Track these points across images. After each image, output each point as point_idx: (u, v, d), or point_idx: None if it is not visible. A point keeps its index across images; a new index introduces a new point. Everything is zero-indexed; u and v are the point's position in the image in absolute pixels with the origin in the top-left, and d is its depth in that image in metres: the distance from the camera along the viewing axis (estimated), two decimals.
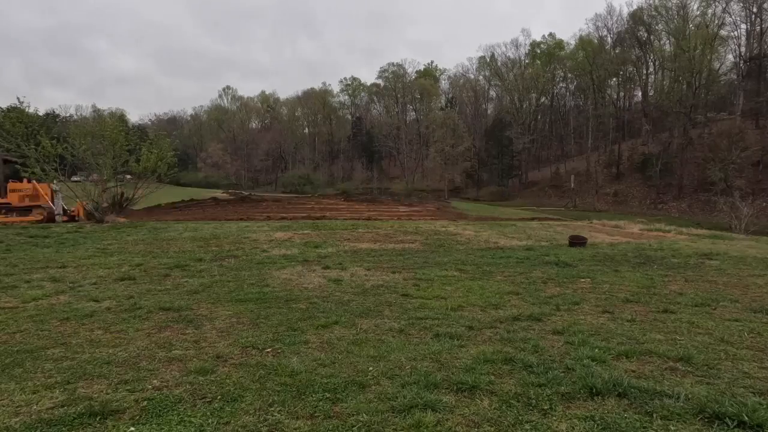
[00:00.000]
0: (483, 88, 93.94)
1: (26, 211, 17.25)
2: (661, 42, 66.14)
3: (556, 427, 2.63)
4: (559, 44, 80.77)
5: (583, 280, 6.99)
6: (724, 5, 57.83)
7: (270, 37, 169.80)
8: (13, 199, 17.26)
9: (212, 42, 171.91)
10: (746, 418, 2.65)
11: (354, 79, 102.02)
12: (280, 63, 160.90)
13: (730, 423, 2.64)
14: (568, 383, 3.15)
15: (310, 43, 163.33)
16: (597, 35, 71.23)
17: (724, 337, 4.24)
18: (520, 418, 2.72)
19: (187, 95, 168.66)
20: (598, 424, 2.64)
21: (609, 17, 70.60)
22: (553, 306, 5.35)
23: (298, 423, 2.66)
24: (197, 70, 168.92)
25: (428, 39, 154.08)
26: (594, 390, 3.02)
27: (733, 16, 59.86)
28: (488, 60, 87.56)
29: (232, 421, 2.67)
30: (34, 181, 17.50)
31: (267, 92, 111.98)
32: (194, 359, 3.62)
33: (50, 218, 16.58)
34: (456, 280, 6.87)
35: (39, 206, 17.51)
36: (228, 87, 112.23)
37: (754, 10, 57.49)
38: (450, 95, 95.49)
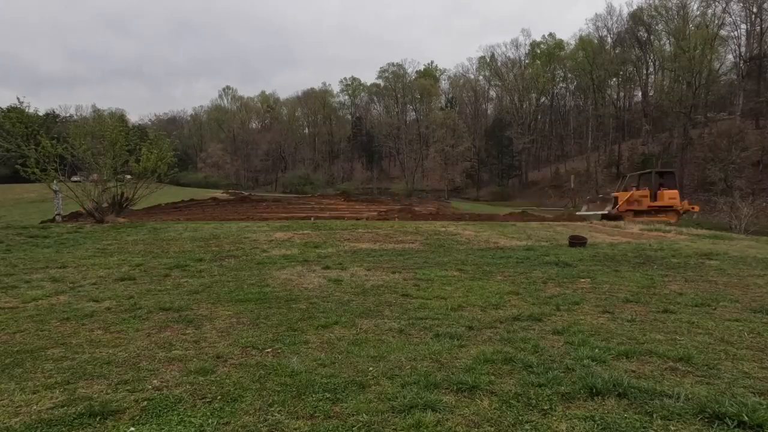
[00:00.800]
0: (483, 88, 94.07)
1: (661, 212, 21.75)
2: (661, 42, 66.24)
3: (556, 427, 2.63)
4: (559, 44, 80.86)
5: (583, 280, 6.99)
6: (724, 5, 57.94)
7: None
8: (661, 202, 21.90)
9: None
10: (746, 418, 2.65)
11: (354, 79, 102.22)
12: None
13: (730, 423, 2.63)
14: (568, 383, 3.14)
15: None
16: (597, 35, 71.47)
17: (724, 337, 4.23)
18: (520, 418, 2.72)
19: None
20: (598, 424, 2.64)
21: (609, 17, 70.89)
22: (553, 306, 5.35)
23: (298, 423, 2.66)
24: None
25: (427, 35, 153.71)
26: (594, 390, 3.02)
27: (733, 16, 60.03)
28: (488, 60, 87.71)
29: (232, 421, 2.67)
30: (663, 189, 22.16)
31: (267, 92, 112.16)
32: (194, 359, 3.62)
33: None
34: (456, 280, 6.86)
35: (672, 208, 21.85)
36: (228, 87, 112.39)
37: (754, 10, 57.57)
38: (450, 95, 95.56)
